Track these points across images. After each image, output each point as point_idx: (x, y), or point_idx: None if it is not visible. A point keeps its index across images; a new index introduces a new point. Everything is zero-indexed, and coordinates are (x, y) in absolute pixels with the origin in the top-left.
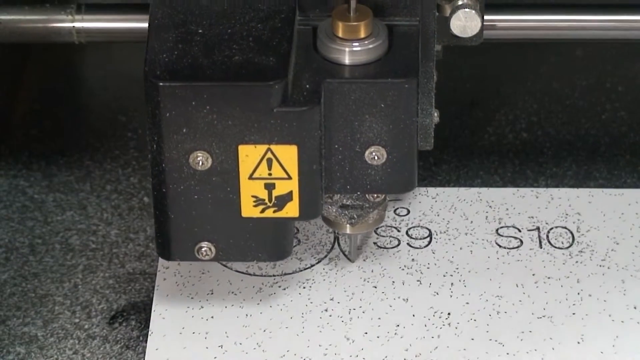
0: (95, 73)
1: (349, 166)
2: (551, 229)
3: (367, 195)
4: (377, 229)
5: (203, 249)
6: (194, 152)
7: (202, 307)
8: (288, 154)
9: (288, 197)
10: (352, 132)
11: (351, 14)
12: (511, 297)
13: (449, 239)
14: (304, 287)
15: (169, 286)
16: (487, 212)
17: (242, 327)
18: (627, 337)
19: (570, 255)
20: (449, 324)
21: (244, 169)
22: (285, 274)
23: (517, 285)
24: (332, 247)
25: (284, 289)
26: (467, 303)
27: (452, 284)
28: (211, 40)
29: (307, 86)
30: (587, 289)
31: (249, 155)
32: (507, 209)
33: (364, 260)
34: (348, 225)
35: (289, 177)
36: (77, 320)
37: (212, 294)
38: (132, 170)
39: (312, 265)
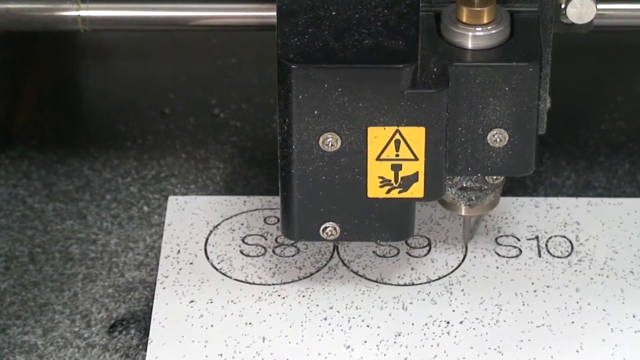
0: (95, 82)
1: (471, 148)
2: (550, 238)
3: (486, 178)
4: None
5: (328, 229)
6: (324, 133)
7: (201, 315)
8: (416, 136)
9: (414, 178)
10: (475, 115)
11: (475, 0)
12: (510, 306)
13: (448, 248)
14: (304, 296)
15: (169, 295)
16: (486, 221)
17: (241, 336)
18: (626, 346)
19: (569, 264)
20: (448, 333)
21: (372, 150)
22: (285, 283)
23: (516, 294)
24: (332, 256)
25: (284, 298)
26: (467, 312)
27: (451, 292)
28: (340, 25)
29: (435, 69)
30: (586, 298)
31: (377, 136)
32: (506, 218)
33: (364, 268)
34: (465, 207)
35: (416, 159)
36: (76, 329)
37: (211, 302)
38: (132, 179)
39: (312, 274)
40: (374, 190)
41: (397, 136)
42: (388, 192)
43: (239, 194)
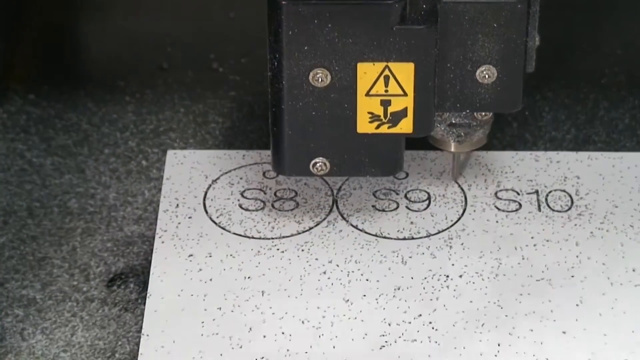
0: (93, 37)
1: (460, 85)
2: (550, 192)
3: (474, 114)
4: (375, 191)
5: (318, 164)
6: (314, 69)
7: (200, 269)
8: (405, 72)
9: (403, 113)
10: (464, 51)
11: None
12: (510, 260)
13: (448, 202)
14: (303, 250)
15: (168, 249)
16: (486, 175)
17: (240, 290)
18: (626, 300)
19: (569, 218)
20: (448, 287)
21: (362, 86)
22: (284, 237)
23: (515, 248)
24: (331, 210)
25: (283, 252)
26: (466, 266)
27: (450, 246)
28: None
29: (424, 6)
30: (586, 252)
31: (367, 72)
32: (506, 172)
33: (363, 222)
34: (454, 143)
35: (405, 94)
36: (75, 283)
37: (210, 256)
38: (130, 133)
39: (311, 228)
40: (364, 125)
41: (387, 72)
42: (377, 127)
43: (237, 148)
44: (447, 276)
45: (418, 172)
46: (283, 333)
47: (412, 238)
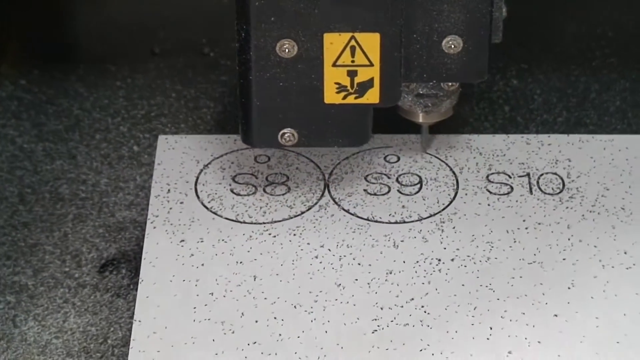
0: (84, 22)
1: (426, 55)
2: (541, 175)
3: (441, 84)
4: (367, 175)
5: (286, 135)
6: (281, 40)
7: (192, 254)
8: (371, 42)
9: (369, 83)
10: (430, 21)
11: None
12: (501, 243)
13: (439, 186)
14: (294, 235)
15: (159, 234)
16: (477, 158)
17: (232, 275)
18: (617, 282)
19: (560, 201)
20: (440, 270)
21: (329, 57)
22: (275, 222)
23: (507, 232)
24: (323, 195)
25: (274, 237)
26: (458, 249)
27: (442, 230)
28: None
29: None
30: (578, 235)
31: (333, 43)
32: (497, 156)
33: (354, 207)
34: (422, 114)
35: (371, 64)
36: (67, 269)
37: (202, 241)
38: (122, 119)
39: (303, 213)
40: (331, 96)
41: (353, 42)
42: (344, 97)
43: (229, 133)
44: (439, 260)
45: (410, 156)
46: (275, 318)
47: (404, 222)
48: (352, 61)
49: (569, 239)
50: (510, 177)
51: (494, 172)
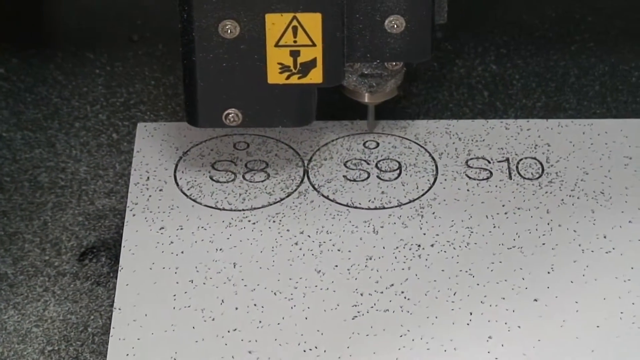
0: (62, 9)
1: (369, 35)
2: (521, 160)
3: (385, 64)
4: (346, 161)
5: (230, 116)
6: (223, 20)
7: (172, 242)
8: (313, 22)
9: (312, 63)
10: (372, 1)
11: None
12: (481, 229)
13: (419, 172)
14: (274, 221)
15: (139, 222)
16: (456, 144)
17: (212, 262)
18: (597, 267)
19: (539, 185)
20: (419, 256)
21: (271, 37)
22: (255, 208)
23: (487, 217)
24: (302, 181)
25: (254, 223)
26: (437, 235)
27: (421, 216)
28: None
29: None
30: (557, 219)
31: (275, 23)
32: (476, 141)
33: (334, 193)
34: (367, 94)
35: (314, 44)
36: (47, 258)
37: (181, 229)
38: (101, 106)
39: (282, 199)
40: (274, 76)
41: (295, 22)
42: (288, 78)
43: None
44: (419, 245)
45: (389, 142)
46: (255, 305)
47: (384, 208)
48: (295, 41)
49: (548, 224)
50: (489, 162)
51: (473, 158)
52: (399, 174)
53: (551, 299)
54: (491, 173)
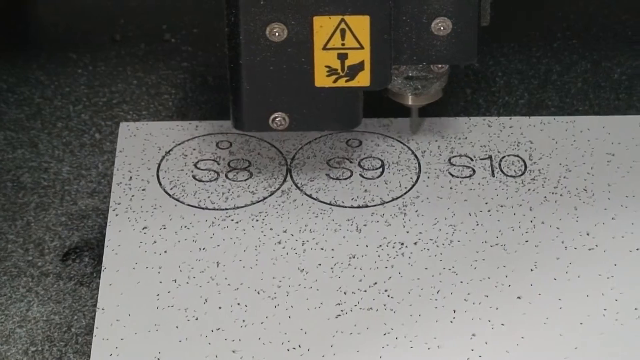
0: (45, 10)
1: (415, 37)
2: (503, 157)
3: (431, 66)
4: (329, 160)
5: (277, 119)
6: (271, 23)
7: (155, 242)
8: (361, 24)
9: (360, 66)
10: (419, 3)
11: None
12: (464, 226)
13: (402, 170)
14: (257, 220)
15: (122, 222)
16: (439, 142)
17: (195, 261)
18: (580, 264)
19: (522, 183)
20: (403, 254)
21: (319, 40)
22: (238, 207)
23: (470, 214)
24: (285, 180)
25: (237, 222)
26: (421, 233)
27: (404, 214)
28: None
29: None
30: (540, 217)
31: (323, 26)
32: (459, 139)
33: (317, 191)
34: (411, 96)
35: (361, 47)
36: (30, 258)
37: (164, 228)
38: (83, 106)
39: (265, 198)
40: (321, 79)
41: (343, 25)
42: (335, 81)
43: (190, 119)
44: (402, 244)
45: (371, 140)
46: (239, 304)
47: (367, 206)
48: (342, 44)
49: (531, 221)
50: (472, 160)
51: (456, 155)
52: (382, 172)
53: (534, 296)
54: (474, 171)
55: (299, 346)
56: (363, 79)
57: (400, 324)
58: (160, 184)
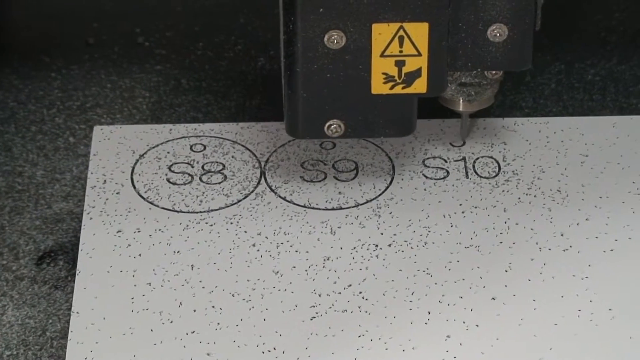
0: (17, 12)
1: (471, 44)
2: (477, 158)
3: (485, 73)
4: (303, 162)
5: (333, 127)
6: (329, 31)
7: (129, 245)
8: (419, 31)
9: (417, 73)
10: (476, 10)
11: None
12: (438, 228)
13: (375, 171)
14: (231, 223)
15: (96, 225)
16: (413, 143)
17: (169, 264)
18: (554, 265)
19: (496, 184)
20: (377, 256)
21: (377, 47)
22: (212, 210)
23: (444, 216)
24: (259, 182)
25: (211, 225)
26: (395, 234)
27: (379, 216)
28: None
29: None
30: (514, 218)
31: (381, 33)
32: (433, 140)
33: (291, 194)
34: (464, 102)
35: (419, 54)
36: (4, 262)
37: (139, 231)
38: (57, 110)
39: (239, 201)
40: (378, 86)
41: (401, 32)
42: (392, 88)
43: (164, 122)
44: (376, 245)
45: (345, 142)
46: (213, 307)
47: (341, 208)
48: (400, 51)
49: (505, 222)
50: (446, 162)
51: (429, 157)
52: (356, 174)
53: (509, 298)
54: (448, 172)
55: (274, 348)
56: (420, 86)
57: (375, 325)
58: (134, 187)
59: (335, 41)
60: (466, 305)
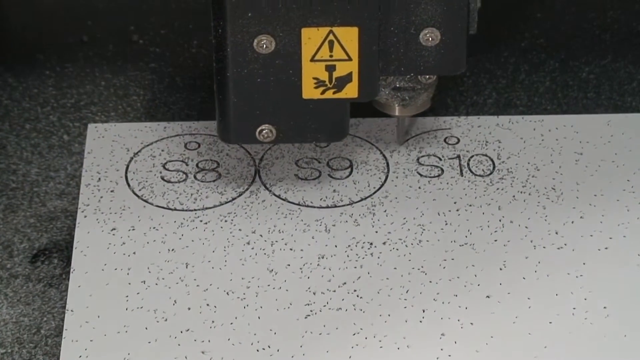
0: (11, 10)
1: (404, 48)
2: (472, 156)
3: (419, 77)
4: (297, 160)
5: (264, 132)
6: (258, 35)
7: (123, 243)
8: (349, 36)
9: (348, 78)
10: (407, 14)
11: None
12: (433, 226)
13: (370, 169)
14: (226, 221)
15: (90, 223)
16: (407, 141)
17: (164, 262)
18: (549, 263)
19: (491, 182)
20: (372, 254)
21: (307, 52)
22: (207, 208)
23: (438, 214)
24: (253, 180)
25: (206, 223)
26: (389, 232)
27: (373, 214)
28: None
29: None
30: (509, 216)
31: (311, 37)
32: (427, 138)
33: (285, 192)
34: (399, 107)
35: (350, 59)
36: None
37: (133, 229)
38: (51, 108)
39: (234, 199)
40: (309, 91)
41: (331, 37)
42: (323, 92)
43: (159, 120)
44: (371, 244)
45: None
46: (208, 305)
47: (335, 206)
48: (331, 56)
49: (500, 220)
50: (440, 160)
51: (424, 155)
52: (351, 172)
53: (503, 296)
54: (442, 170)
55: (269, 346)
56: (351, 91)
57: (370, 324)
58: (128, 185)
59: (264, 46)
60: (461, 304)
